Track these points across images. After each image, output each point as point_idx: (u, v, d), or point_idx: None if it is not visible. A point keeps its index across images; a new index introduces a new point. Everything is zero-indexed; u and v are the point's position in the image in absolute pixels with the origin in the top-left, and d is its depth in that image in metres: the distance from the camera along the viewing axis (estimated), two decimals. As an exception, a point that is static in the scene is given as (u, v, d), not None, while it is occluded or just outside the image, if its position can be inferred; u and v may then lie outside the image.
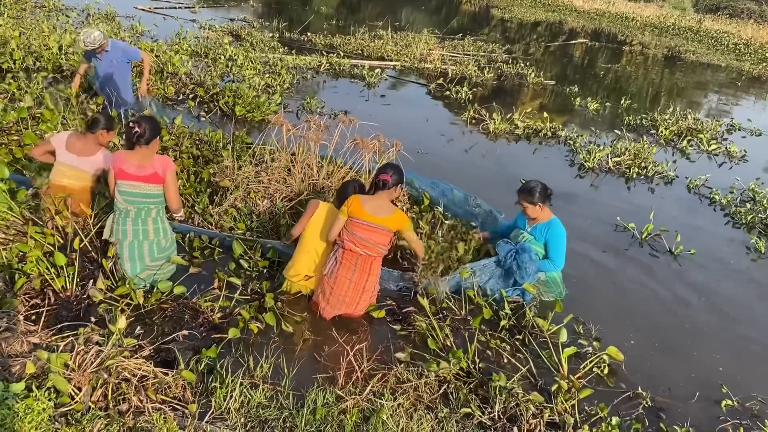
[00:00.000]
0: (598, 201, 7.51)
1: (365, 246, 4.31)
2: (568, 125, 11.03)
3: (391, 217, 4.34)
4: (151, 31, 13.56)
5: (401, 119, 9.98)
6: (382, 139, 5.89)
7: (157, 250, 4.37)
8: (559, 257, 4.92)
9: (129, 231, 4.31)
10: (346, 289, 4.38)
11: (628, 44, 24.55)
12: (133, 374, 3.40)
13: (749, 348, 4.90)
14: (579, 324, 4.78)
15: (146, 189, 4.27)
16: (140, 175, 4.24)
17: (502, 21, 27.47)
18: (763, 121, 13.40)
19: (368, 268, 4.38)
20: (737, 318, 5.33)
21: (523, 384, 3.97)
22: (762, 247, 6.60)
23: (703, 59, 22.60)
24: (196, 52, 12.01)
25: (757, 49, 26.07)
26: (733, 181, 8.63)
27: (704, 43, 26.77)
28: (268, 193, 5.61)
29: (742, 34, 30.04)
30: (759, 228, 7.39)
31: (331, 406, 3.54)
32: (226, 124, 8.18)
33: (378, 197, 4.40)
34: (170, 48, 11.42)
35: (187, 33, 13.21)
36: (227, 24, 16.34)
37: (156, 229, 4.38)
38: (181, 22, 15.20)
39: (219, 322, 4.14)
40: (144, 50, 7.56)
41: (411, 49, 15.60)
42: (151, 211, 4.35)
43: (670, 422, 3.89)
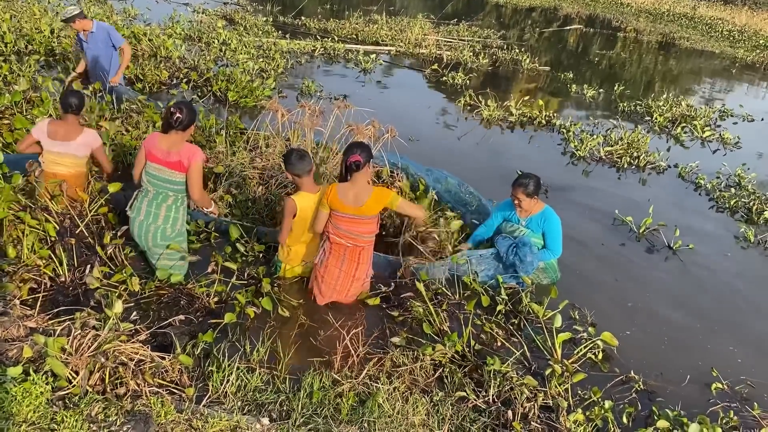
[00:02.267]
0: (593, 192, 7.46)
1: (351, 238, 4.25)
2: (563, 112, 11.04)
3: (371, 200, 4.16)
4: (143, 14, 13.45)
5: (396, 105, 9.96)
6: (377, 125, 5.88)
7: (161, 236, 4.33)
8: (558, 245, 4.98)
9: (143, 210, 4.30)
10: (336, 278, 4.37)
11: (623, 30, 24.51)
12: (130, 358, 3.41)
13: (739, 333, 4.96)
14: (574, 310, 4.82)
15: (169, 175, 4.21)
16: (166, 161, 4.18)
17: (496, 6, 27.35)
18: (756, 106, 13.46)
19: (357, 257, 4.34)
20: (729, 305, 5.39)
21: (518, 368, 4.01)
22: (751, 236, 6.64)
23: (697, 46, 22.59)
24: (189, 36, 11.94)
25: (750, 36, 26.07)
26: (727, 167, 8.66)
27: (698, 30, 26.74)
28: (263, 179, 5.59)
29: (736, 20, 30.04)
30: (742, 212, 7.47)
31: (328, 389, 3.56)
32: (220, 109, 8.15)
33: (354, 182, 4.17)
34: (163, 32, 11.34)
35: (180, 17, 13.10)
36: (221, 8, 16.21)
37: (167, 216, 4.30)
38: (174, 6, 15.09)
39: (215, 307, 4.15)
40: (127, 42, 7.42)
41: (406, 34, 15.54)
42: (168, 197, 4.28)
43: (662, 405, 3.94)
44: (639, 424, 3.76)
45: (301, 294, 4.53)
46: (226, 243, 4.81)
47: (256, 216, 5.26)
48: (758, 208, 7.43)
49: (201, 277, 4.37)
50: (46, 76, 7.14)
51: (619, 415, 3.76)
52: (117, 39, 7.24)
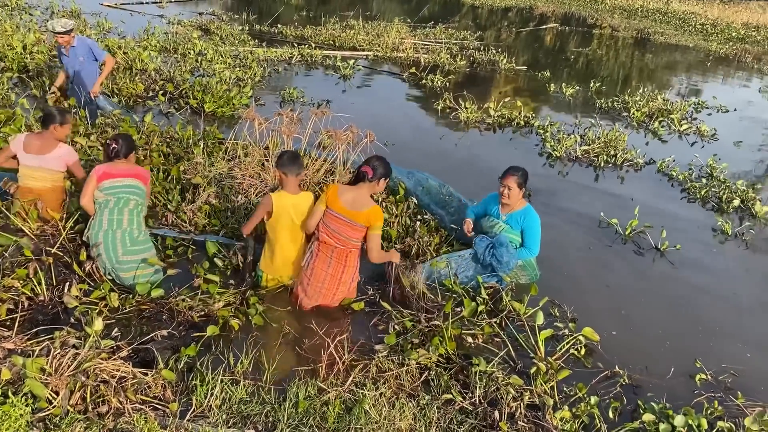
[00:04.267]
0: (575, 194, 7.42)
1: (339, 239, 4.26)
2: (542, 112, 11.10)
3: (364, 212, 4.19)
4: (118, 27, 13.36)
5: (377, 109, 9.98)
6: (355, 130, 5.88)
7: (130, 240, 4.33)
8: (536, 244, 5.00)
9: (104, 221, 4.33)
10: (323, 281, 4.37)
11: (598, 27, 24.76)
12: (112, 376, 3.37)
13: (719, 324, 5.00)
14: (554, 307, 4.84)
15: (129, 182, 4.41)
16: (121, 173, 4.42)
17: (472, 8, 27.51)
18: (730, 98, 13.64)
19: (344, 260, 4.34)
20: (709, 298, 5.43)
21: (503, 368, 4.01)
22: (728, 229, 6.69)
23: (671, 40, 22.87)
24: (164, 48, 11.87)
25: (723, 29, 26.44)
26: (703, 160, 8.75)
27: (672, 25, 27.07)
28: (242, 188, 5.57)
29: (708, 14, 30.46)
30: (713, 202, 7.56)
31: (313, 398, 3.54)
32: (197, 120, 8.10)
33: (358, 189, 4.26)
34: (138, 44, 11.26)
35: (155, 29, 13.03)
36: (196, 18, 16.15)
37: (131, 219, 4.38)
38: (148, 18, 15.00)
39: (198, 320, 4.11)
40: (110, 55, 7.40)
41: (383, 39, 15.58)
42: (129, 201, 4.39)
43: (647, 399, 3.96)
44: (625, 418, 3.78)
45: (284, 303, 4.51)
46: (204, 257, 4.77)
47: (236, 226, 5.23)
48: (728, 197, 7.52)
49: (183, 290, 4.32)
50: (19, 93, 7.06)
51: (605, 410, 3.78)
52: (99, 53, 7.25)
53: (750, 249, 6.42)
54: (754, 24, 28.43)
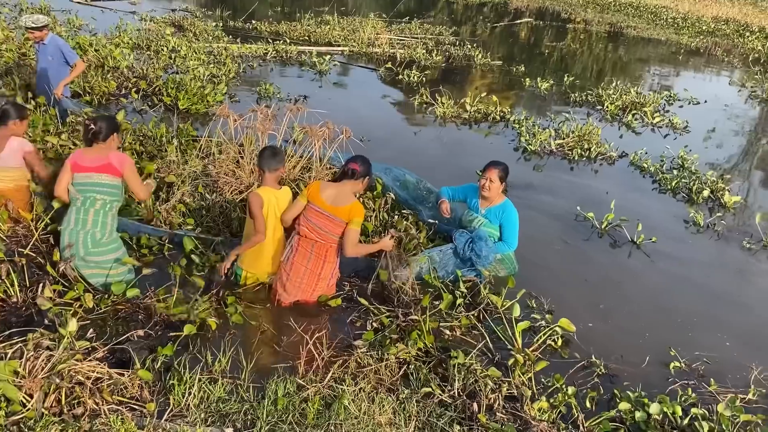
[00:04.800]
0: (551, 188, 7.46)
1: (319, 233, 4.27)
2: (518, 107, 11.16)
3: (345, 207, 4.23)
4: (89, 24, 13.15)
5: (353, 105, 9.97)
6: (331, 127, 5.86)
7: (92, 242, 4.24)
8: (514, 239, 5.05)
9: (72, 219, 4.27)
10: (302, 276, 4.36)
11: (572, 22, 24.96)
12: (87, 377, 3.33)
13: (694, 315, 5.09)
14: (532, 299, 4.89)
15: (97, 179, 4.26)
16: (93, 166, 4.26)
17: (447, 3, 27.55)
18: (702, 90, 13.85)
19: (324, 255, 4.35)
20: (682, 289, 5.52)
21: (481, 360, 4.04)
22: (700, 220, 6.79)
23: (643, 34, 23.13)
24: (137, 45, 11.72)
25: (694, 22, 26.81)
26: (675, 152, 8.87)
27: (644, 18, 27.37)
28: (217, 186, 5.52)
29: (679, 8, 30.85)
30: (683, 193, 7.68)
31: (292, 395, 3.54)
32: (171, 118, 8.01)
33: (341, 185, 4.30)
34: (110, 42, 11.10)
35: (127, 26, 12.84)
36: (169, 15, 15.95)
37: (95, 220, 4.26)
38: (120, 15, 14.79)
39: (175, 320, 4.07)
40: (81, 59, 7.29)
41: (358, 34, 15.54)
42: (96, 201, 4.26)
43: (623, 387, 4.02)
44: (602, 407, 3.83)
45: (262, 301, 4.49)
46: (181, 255, 4.72)
47: (211, 224, 5.19)
48: (698, 188, 7.64)
49: (159, 290, 4.28)
50: None
51: (582, 399, 3.83)
52: (71, 56, 7.10)
53: (722, 240, 6.53)
54: (723, 18, 28.87)
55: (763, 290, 5.71)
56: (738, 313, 5.20)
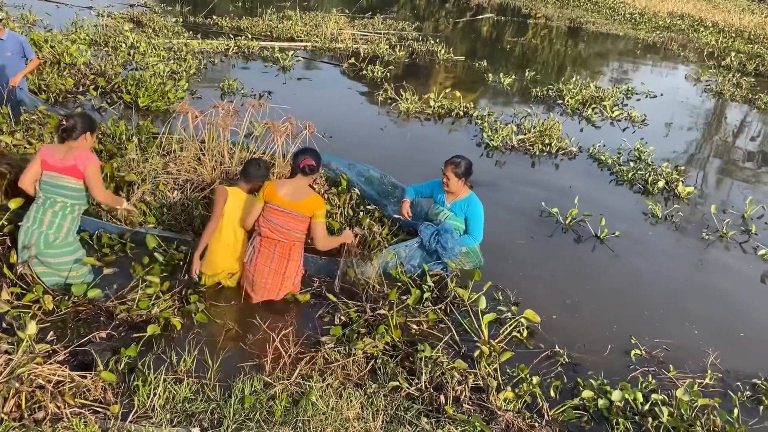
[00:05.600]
0: (514, 183, 7.50)
1: (282, 232, 4.24)
2: (481, 102, 11.25)
3: (305, 201, 4.22)
4: (43, 20, 12.80)
5: (318, 100, 9.93)
6: (294, 122, 5.82)
7: (44, 243, 4.12)
8: (479, 231, 5.09)
9: (31, 216, 4.16)
10: (267, 276, 4.33)
11: (533, 17, 25.25)
12: (48, 380, 3.26)
13: (653, 303, 5.22)
14: (498, 291, 4.95)
15: (61, 180, 4.15)
16: (59, 166, 4.14)
17: (410, -2, 27.57)
18: (659, 84, 14.17)
19: (287, 254, 4.32)
20: (641, 279, 5.65)
21: (448, 352, 4.08)
22: (658, 212, 6.93)
23: (602, 29, 23.55)
24: (94, 41, 11.46)
25: (651, 17, 27.39)
26: (633, 145, 9.05)
27: (603, 14, 27.84)
28: (178, 184, 5.44)
29: (636, 3, 31.43)
30: (639, 184, 7.86)
31: (260, 393, 3.52)
32: (131, 115, 7.86)
33: (296, 181, 4.29)
34: (66, 38, 10.82)
35: (83, 21, 12.54)
36: (127, 10, 15.60)
37: (51, 222, 4.14)
38: (76, 10, 14.40)
39: (138, 321, 4.01)
40: (37, 56, 7.16)
41: (321, 29, 15.45)
42: (56, 203, 4.15)
43: (586, 376, 4.11)
44: (566, 396, 3.90)
45: (227, 299, 4.45)
46: (144, 253, 4.65)
47: (173, 222, 5.11)
48: (653, 179, 7.81)
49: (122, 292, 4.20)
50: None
51: (547, 389, 3.89)
52: (30, 52, 6.98)
53: (680, 231, 6.68)
54: (678, 13, 29.55)
55: (723, 279, 5.87)
56: (699, 302, 5.34)
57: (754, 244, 6.49)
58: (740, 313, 5.27)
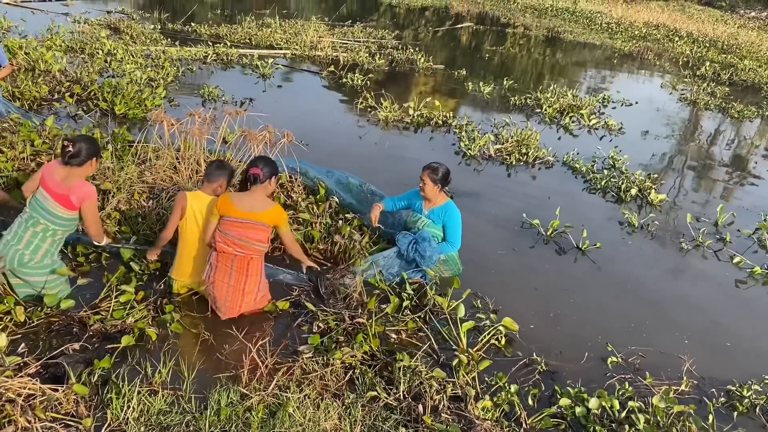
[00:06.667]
0: (494, 193, 7.48)
1: (240, 245, 4.08)
2: (460, 111, 11.28)
3: (266, 212, 4.11)
4: (18, 26, 12.64)
5: (297, 108, 9.90)
6: (272, 130, 5.80)
7: (18, 262, 3.98)
8: (457, 238, 5.10)
9: (13, 230, 4.02)
10: (226, 293, 4.16)
11: (512, 26, 25.49)
12: (18, 394, 3.20)
13: (625, 310, 5.27)
14: (477, 299, 4.95)
15: (51, 206, 3.98)
16: (55, 191, 3.98)
17: (390, 7, 27.69)
18: (635, 92, 14.36)
19: (245, 269, 4.14)
20: (624, 290, 5.68)
21: (426, 361, 4.07)
22: (635, 221, 6.96)
23: (580, 38, 23.84)
24: (70, 48, 11.34)
25: (627, 27, 27.81)
26: (608, 153, 9.13)
27: (580, 23, 28.22)
28: (153, 193, 5.38)
29: (613, 13, 31.92)
30: (612, 192, 7.94)
31: (236, 404, 3.48)
32: (107, 123, 7.78)
33: (252, 193, 4.13)
34: (41, 44, 10.69)
35: (59, 28, 12.40)
36: (104, 17, 15.47)
37: (29, 242, 3.99)
38: (52, 16, 14.28)
39: (111, 332, 3.95)
40: (11, 61, 7.03)
41: (301, 37, 15.44)
42: (38, 224, 3.99)
43: (564, 384, 4.12)
44: (544, 404, 3.91)
45: (202, 309, 4.39)
46: (119, 263, 4.58)
47: (148, 232, 5.04)
48: (626, 186, 7.89)
49: (95, 303, 4.14)
50: None
51: (525, 397, 3.90)
52: (3, 59, 6.88)
53: (655, 240, 6.72)
54: (654, 23, 30.04)
55: (701, 288, 5.93)
56: (681, 311, 5.37)
57: (730, 252, 6.58)
58: (715, 320, 5.32)
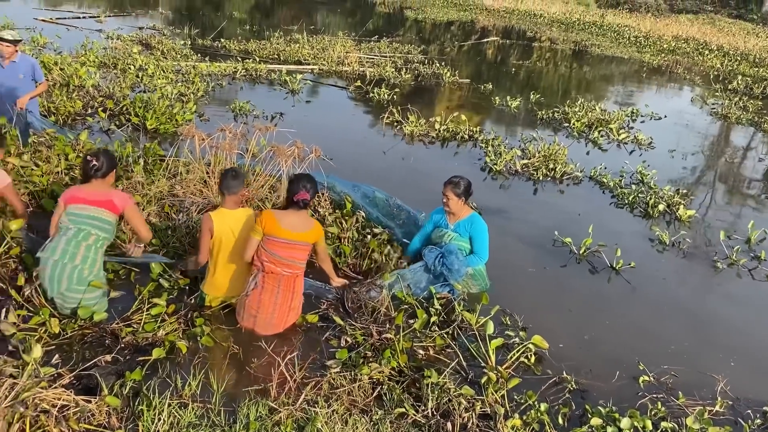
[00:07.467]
0: (521, 210, 7.41)
1: (287, 265, 4.14)
2: (487, 125, 11.26)
3: (311, 231, 4.20)
4: (53, 42, 12.98)
5: (325, 123, 9.98)
6: (301, 146, 5.85)
7: (77, 279, 4.04)
8: (484, 251, 5.07)
9: (59, 249, 4.04)
10: (272, 312, 4.22)
11: (538, 40, 25.45)
12: (53, 405, 3.24)
13: (656, 326, 5.17)
14: (506, 316, 4.90)
15: (94, 212, 4.09)
16: (92, 200, 4.11)
17: (416, 22, 27.86)
18: (665, 107, 14.19)
19: (292, 287, 4.24)
20: (648, 304, 5.58)
21: (455, 378, 4.04)
22: (666, 238, 6.82)
23: (607, 52, 23.70)
24: (103, 63, 11.59)
25: (655, 41, 27.57)
26: (637, 167, 9.01)
27: (608, 37, 28.07)
28: (183, 206, 5.45)
29: (641, 27, 31.72)
30: (640, 207, 7.82)
31: (265, 419, 3.48)
32: (139, 137, 7.92)
33: (295, 212, 4.20)
34: (76, 60, 10.95)
35: (93, 44, 12.71)
36: (136, 33, 15.80)
37: (85, 257, 4.06)
38: (86, 33, 14.61)
39: (143, 344, 4.00)
40: (47, 79, 7.22)
41: (328, 53, 15.60)
42: (90, 236, 4.07)
43: (594, 403, 4.05)
44: (574, 423, 3.84)
45: (232, 322, 4.42)
46: (149, 278, 4.63)
47: (177, 245, 5.11)
48: (654, 201, 7.76)
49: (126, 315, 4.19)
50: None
51: (555, 416, 3.84)
52: (40, 75, 7.01)
53: (687, 258, 6.58)
54: (683, 36, 29.75)
55: (739, 308, 5.78)
56: (718, 331, 5.27)
57: (765, 271, 6.43)
58: (752, 340, 5.20)
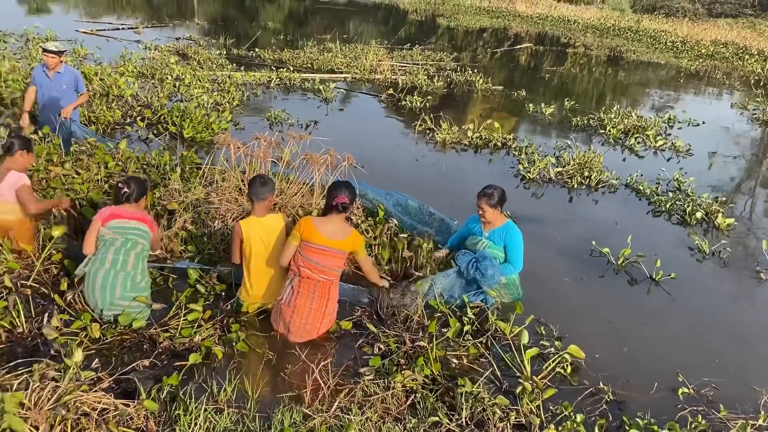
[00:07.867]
0: (550, 218, 7.30)
1: (322, 271, 4.19)
2: (520, 132, 11.17)
3: (348, 239, 4.23)
4: (94, 54, 13.33)
5: (358, 131, 10.04)
6: (333, 154, 5.89)
7: (131, 285, 4.16)
8: (519, 259, 5.03)
9: (108, 259, 4.16)
10: (307, 317, 4.26)
11: (572, 46, 25.21)
12: (93, 408, 3.31)
13: (698, 339, 5.06)
14: (540, 325, 4.85)
15: (136, 224, 4.27)
16: (130, 216, 4.30)
17: (448, 29, 27.86)
18: (704, 113, 13.91)
19: (327, 293, 4.28)
20: (689, 315, 5.46)
21: (489, 388, 4.00)
22: (705, 247, 6.66)
23: (643, 58, 23.35)
24: (141, 74, 11.86)
25: (693, 46, 27.08)
26: (674, 175, 8.84)
27: (643, 43, 27.66)
28: (219, 213, 5.53)
29: (678, 32, 31.18)
30: (678, 215, 7.65)
31: (299, 425, 3.50)
32: (176, 146, 8.07)
33: (334, 218, 4.25)
34: (115, 70, 11.22)
35: (131, 54, 13.01)
36: (173, 43, 16.14)
37: (136, 263, 4.21)
38: (125, 44, 14.98)
39: (180, 349, 4.06)
40: (88, 89, 7.45)
41: (361, 61, 15.70)
42: (137, 244, 4.24)
43: (632, 414, 3.97)
44: (611, 435, 3.78)
45: (267, 329, 4.46)
46: (186, 285, 4.70)
47: (213, 251, 5.18)
48: (692, 209, 7.59)
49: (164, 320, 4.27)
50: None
51: (591, 427, 3.77)
52: (82, 86, 7.25)
53: (728, 267, 6.41)
54: (722, 41, 29.15)
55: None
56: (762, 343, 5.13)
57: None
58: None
